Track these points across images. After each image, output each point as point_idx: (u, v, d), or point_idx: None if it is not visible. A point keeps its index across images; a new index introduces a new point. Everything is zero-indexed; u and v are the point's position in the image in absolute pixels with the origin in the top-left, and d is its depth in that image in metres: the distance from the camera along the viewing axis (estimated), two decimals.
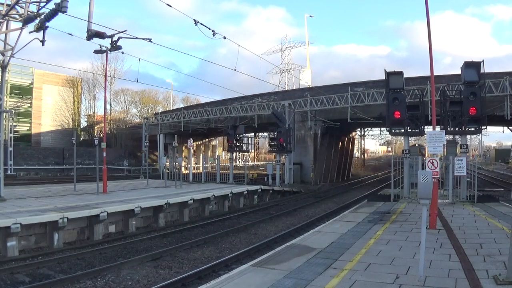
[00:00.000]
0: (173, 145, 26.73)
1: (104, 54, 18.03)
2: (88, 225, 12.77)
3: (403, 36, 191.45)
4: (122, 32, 14.04)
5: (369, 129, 52.67)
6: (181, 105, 60.74)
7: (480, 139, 68.67)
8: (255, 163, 62.10)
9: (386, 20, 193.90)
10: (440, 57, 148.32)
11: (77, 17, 12.63)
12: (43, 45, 13.21)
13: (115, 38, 13.91)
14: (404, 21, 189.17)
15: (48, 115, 49.96)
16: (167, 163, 34.24)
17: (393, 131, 16.62)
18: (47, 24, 12.59)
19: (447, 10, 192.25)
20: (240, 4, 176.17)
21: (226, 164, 32.65)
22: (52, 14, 11.93)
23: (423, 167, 19.19)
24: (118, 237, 13.19)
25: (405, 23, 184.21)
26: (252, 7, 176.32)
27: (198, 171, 38.16)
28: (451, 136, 17.79)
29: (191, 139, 25.40)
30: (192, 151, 37.42)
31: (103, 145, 19.19)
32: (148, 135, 43.07)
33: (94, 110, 55.93)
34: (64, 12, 11.42)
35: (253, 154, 62.18)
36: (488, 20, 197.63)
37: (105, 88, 28.43)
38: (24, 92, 47.23)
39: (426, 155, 22.57)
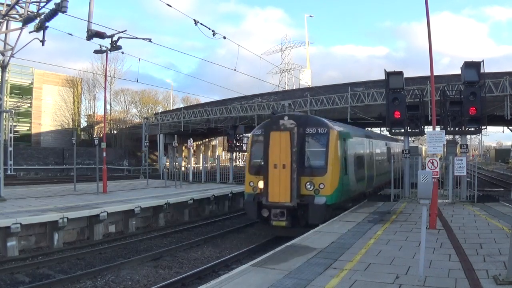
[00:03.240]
0: (173, 145, 26.71)
1: (104, 54, 18.06)
2: (88, 225, 12.77)
3: (400, 37, 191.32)
4: (122, 32, 14.06)
5: (369, 129, 52.66)
6: (181, 105, 60.71)
7: (480, 139, 68.66)
8: None
9: (384, 21, 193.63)
10: (438, 58, 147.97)
11: (77, 17, 12.61)
12: (43, 45, 13.23)
13: (115, 38, 13.92)
14: (401, 22, 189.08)
15: (48, 115, 49.96)
16: (167, 163, 34.23)
17: (393, 131, 16.61)
18: (47, 24, 12.60)
19: (444, 11, 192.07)
20: (239, 5, 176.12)
21: (226, 164, 32.64)
22: (52, 14, 11.93)
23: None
24: (118, 237, 13.20)
25: (402, 25, 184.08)
26: (251, 8, 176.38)
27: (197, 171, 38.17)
28: (451, 136, 17.78)
29: (191, 139, 25.39)
30: (192, 151, 37.39)
31: (103, 145, 19.20)
32: (148, 135, 43.03)
33: (94, 110, 56.01)
34: (64, 12, 11.42)
35: None
36: (485, 21, 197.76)
37: (105, 88, 28.43)
38: (24, 92, 47.24)
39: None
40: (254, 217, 12.52)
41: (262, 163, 12.04)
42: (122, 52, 15.69)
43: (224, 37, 14.84)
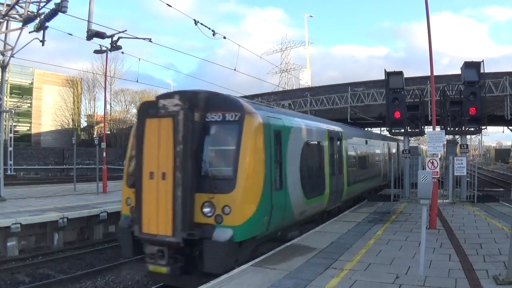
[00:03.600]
0: None
1: (104, 54, 18.08)
2: (88, 225, 12.77)
3: (400, 37, 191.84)
4: (122, 32, 14.09)
5: (369, 129, 52.68)
6: None
7: (480, 139, 68.70)
8: None
9: (383, 21, 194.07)
10: (438, 58, 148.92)
11: (77, 17, 12.65)
12: (43, 45, 13.24)
13: (115, 38, 13.96)
14: (401, 22, 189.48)
15: (48, 115, 49.98)
16: None
17: (393, 131, 16.63)
18: (47, 24, 12.61)
19: (444, 11, 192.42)
20: (238, 5, 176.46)
21: None
22: (52, 14, 11.94)
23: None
24: None
25: (402, 25, 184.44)
26: (250, 8, 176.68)
27: None
28: (451, 136, 17.80)
29: None
30: None
31: (103, 145, 19.20)
32: None
33: (94, 110, 56.01)
34: (64, 12, 11.43)
35: None
36: (484, 21, 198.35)
37: (105, 88, 28.40)
38: (24, 92, 47.23)
39: None
40: (128, 252, 7.68)
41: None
42: (122, 52, 15.74)
43: (224, 37, 14.83)
